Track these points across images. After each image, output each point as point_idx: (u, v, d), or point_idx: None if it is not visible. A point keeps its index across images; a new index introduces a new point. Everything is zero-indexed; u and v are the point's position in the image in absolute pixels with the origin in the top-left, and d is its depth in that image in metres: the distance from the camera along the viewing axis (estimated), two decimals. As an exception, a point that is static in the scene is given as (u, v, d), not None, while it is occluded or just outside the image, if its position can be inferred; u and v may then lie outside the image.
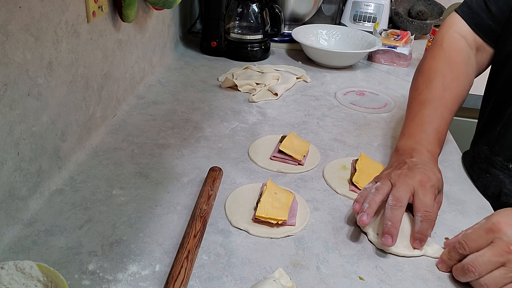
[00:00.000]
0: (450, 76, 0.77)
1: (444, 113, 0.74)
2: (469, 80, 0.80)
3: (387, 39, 1.33)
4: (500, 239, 0.51)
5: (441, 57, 0.80)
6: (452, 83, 0.76)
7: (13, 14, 0.55)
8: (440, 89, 0.76)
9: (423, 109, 0.75)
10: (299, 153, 0.79)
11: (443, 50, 0.80)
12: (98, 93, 0.81)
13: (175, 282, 0.51)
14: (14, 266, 0.48)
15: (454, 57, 0.79)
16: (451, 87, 0.76)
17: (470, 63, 0.80)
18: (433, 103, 0.75)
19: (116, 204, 0.66)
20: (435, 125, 0.73)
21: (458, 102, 0.77)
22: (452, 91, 0.76)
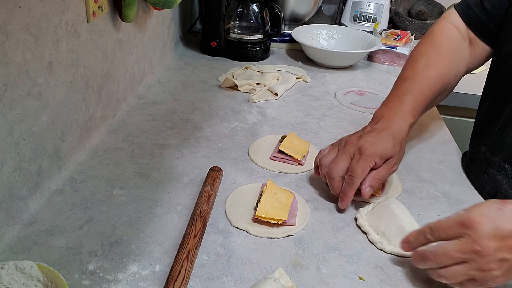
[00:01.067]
0: (435, 57, 0.78)
1: (424, 87, 0.75)
2: (457, 65, 0.79)
3: (387, 39, 1.33)
4: (469, 236, 0.49)
5: (428, 41, 0.81)
6: (436, 63, 0.77)
7: (13, 14, 0.55)
8: (423, 67, 0.77)
9: (403, 83, 0.77)
10: (299, 153, 0.79)
11: (432, 36, 0.82)
12: (98, 93, 0.81)
13: (175, 282, 0.51)
14: (14, 266, 0.48)
15: (442, 41, 0.80)
16: (434, 65, 0.77)
17: (461, 51, 0.81)
18: (414, 78, 0.76)
19: (116, 204, 0.66)
20: (412, 96, 0.74)
21: (442, 81, 0.77)
22: (436, 70, 0.77)
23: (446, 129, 0.96)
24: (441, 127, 0.96)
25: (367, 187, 0.65)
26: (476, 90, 1.21)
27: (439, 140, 0.91)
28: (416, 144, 0.89)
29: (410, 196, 0.73)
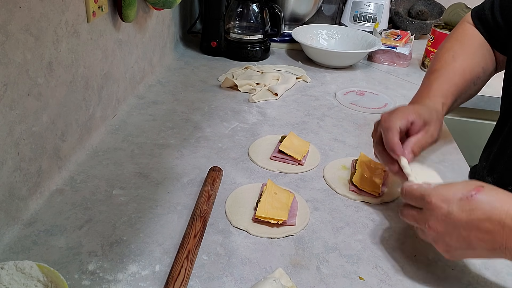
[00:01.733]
0: (460, 51, 0.78)
1: (452, 76, 0.75)
2: (484, 60, 0.78)
3: (387, 39, 1.33)
4: (425, 212, 0.53)
5: (453, 38, 0.82)
6: (462, 55, 0.77)
7: (13, 14, 0.55)
8: (450, 59, 0.77)
9: (431, 76, 0.77)
10: (299, 153, 0.79)
11: (456, 34, 0.82)
12: (98, 93, 0.81)
13: (175, 282, 0.51)
14: (14, 266, 0.49)
15: (466, 38, 0.80)
16: (461, 57, 0.77)
17: (486, 48, 0.79)
18: (441, 69, 0.76)
19: (116, 204, 0.66)
20: (440, 83, 0.74)
21: (469, 73, 0.76)
22: (463, 61, 0.77)
23: (446, 129, 0.96)
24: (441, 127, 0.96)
25: (409, 152, 0.64)
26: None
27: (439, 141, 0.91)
28: (416, 144, 0.89)
29: (410, 196, 0.73)
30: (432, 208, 0.52)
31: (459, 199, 0.50)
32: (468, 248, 0.51)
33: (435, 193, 0.52)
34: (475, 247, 0.50)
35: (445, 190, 0.53)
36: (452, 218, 0.50)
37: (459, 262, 0.60)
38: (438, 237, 0.52)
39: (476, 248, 0.50)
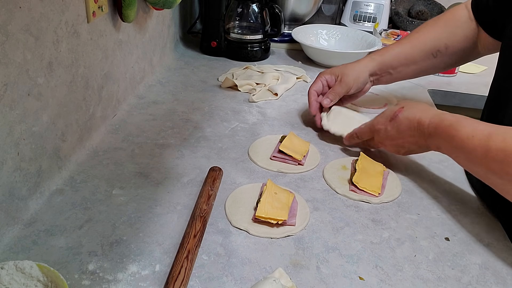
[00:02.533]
0: (430, 24, 0.89)
1: (404, 43, 0.89)
2: (451, 36, 0.85)
3: (387, 39, 1.33)
4: (375, 137, 0.79)
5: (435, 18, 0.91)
6: (427, 28, 0.88)
7: (13, 14, 0.55)
8: (416, 30, 0.90)
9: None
10: (299, 153, 0.79)
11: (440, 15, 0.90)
12: (98, 93, 0.81)
13: (175, 282, 0.51)
14: (14, 266, 0.49)
15: (446, 15, 0.88)
16: (424, 30, 0.88)
17: (462, 26, 0.85)
18: (403, 38, 0.91)
19: (116, 204, 0.66)
20: (385, 49, 0.92)
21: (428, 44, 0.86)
22: (424, 33, 0.88)
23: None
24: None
25: (324, 99, 0.90)
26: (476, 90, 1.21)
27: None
28: (416, 144, 0.89)
29: (410, 196, 0.73)
30: (377, 131, 0.78)
31: (389, 120, 0.75)
32: (408, 149, 0.75)
33: (376, 122, 0.78)
34: (412, 146, 0.74)
35: (380, 116, 0.78)
36: (389, 133, 0.76)
37: (459, 262, 0.60)
38: (388, 147, 0.78)
39: (412, 145, 0.74)
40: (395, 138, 0.75)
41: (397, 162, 0.83)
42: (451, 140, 0.64)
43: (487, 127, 0.61)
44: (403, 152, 0.77)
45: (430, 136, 0.68)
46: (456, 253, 0.62)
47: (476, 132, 0.61)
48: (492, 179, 0.60)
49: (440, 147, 0.68)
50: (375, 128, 0.78)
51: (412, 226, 0.66)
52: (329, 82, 0.91)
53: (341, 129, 0.86)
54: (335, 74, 0.90)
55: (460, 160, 0.66)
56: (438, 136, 0.67)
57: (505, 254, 0.62)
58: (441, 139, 0.67)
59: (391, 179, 0.77)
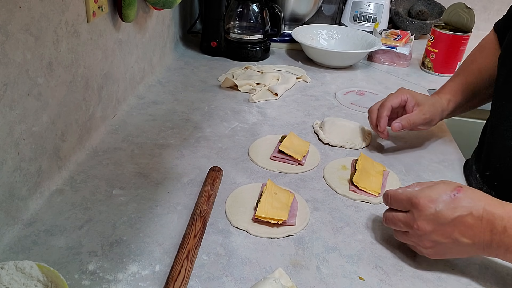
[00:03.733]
0: (478, 54, 0.87)
1: (466, 75, 0.85)
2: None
3: (387, 39, 1.33)
4: (413, 213, 0.56)
5: (477, 46, 0.90)
6: (480, 58, 0.86)
7: (13, 14, 0.55)
8: (469, 62, 0.88)
9: (452, 77, 0.89)
10: (299, 153, 0.79)
11: (480, 42, 0.90)
12: (98, 93, 0.81)
13: (175, 282, 0.51)
14: (14, 266, 0.48)
15: (487, 43, 0.88)
16: (478, 60, 0.86)
17: None
18: (459, 71, 0.88)
19: (116, 204, 0.66)
20: (452, 83, 0.86)
21: (486, 72, 0.83)
22: (479, 63, 0.85)
23: (446, 129, 0.96)
24: (441, 127, 0.96)
25: (396, 122, 0.79)
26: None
27: (439, 140, 0.91)
28: (416, 144, 0.89)
29: (410, 196, 0.73)
30: (420, 209, 0.55)
31: (444, 199, 0.55)
32: (452, 244, 0.55)
33: (422, 195, 0.56)
34: (459, 242, 0.54)
35: (430, 191, 0.56)
36: (440, 216, 0.54)
37: (459, 262, 0.60)
38: (425, 236, 0.56)
39: (459, 243, 0.54)
40: (445, 224, 0.54)
41: (397, 162, 0.83)
42: None
43: None
44: (440, 252, 0.57)
45: (505, 231, 0.52)
46: (456, 253, 0.62)
47: None
48: None
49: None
50: (418, 202, 0.56)
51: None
52: (408, 104, 0.82)
53: (341, 139, 0.87)
54: (416, 99, 0.82)
55: None
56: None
57: (505, 254, 0.62)
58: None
59: (391, 179, 0.76)
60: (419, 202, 0.55)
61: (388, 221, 0.60)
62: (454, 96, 0.84)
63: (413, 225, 0.56)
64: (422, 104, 0.81)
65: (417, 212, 0.56)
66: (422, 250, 0.58)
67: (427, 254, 0.58)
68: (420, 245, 0.57)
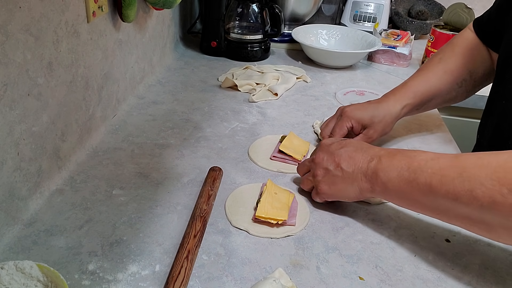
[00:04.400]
0: (449, 53, 0.83)
1: (431, 76, 0.81)
2: (472, 63, 0.81)
3: (387, 39, 1.33)
4: (313, 169, 0.67)
5: (447, 43, 0.87)
6: (449, 58, 0.82)
7: (13, 14, 0.55)
8: (436, 62, 0.83)
9: (413, 75, 0.84)
10: (299, 153, 0.79)
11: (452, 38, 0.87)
12: (98, 93, 0.81)
13: (175, 282, 0.51)
14: (14, 266, 0.48)
15: (458, 41, 0.84)
16: (446, 60, 0.82)
17: (478, 52, 0.81)
18: (423, 70, 0.83)
19: (116, 204, 0.66)
20: (415, 82, 0.82)
21: (452, 75, 0.81)
22: (447, 63, 0.82)
23: (446, 129, 0.96)
24: (441, 127, 0.96)
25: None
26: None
27: (439, 140, 0.91)
28: (416, 144, 0.89)
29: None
30: (321, 145, 0.68)
31: (337, 140, 0.67)
32: (337, 173, 0.63)
33: (319, 148, 0.68)
34: (343, 171, 0.63)
35: (326, 144, 0.68)
36: (331, 148, 0.65)
37: (459, 262, 0.60)
38: (318, 165, 0.66)
39: (344, 172, 0.63)
40: (334, 153, 0.64)
41: (397, 162, 0.83)
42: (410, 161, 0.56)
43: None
44: (328, 180, 0.65)
45: (380, 159, 0.60)
46: (456, 253, 0.62)
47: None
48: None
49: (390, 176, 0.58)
50: (321, 143, 0.69)
51: (412, 226, 0.66)
52: (354, 130, 0.80)
53: None
54: (362, 122, 0.79)
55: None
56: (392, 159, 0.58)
57: (505, 254, 0.62)
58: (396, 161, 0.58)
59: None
60: (316, 158, 0.66)
61: (303, 184, 0.70)
62: (411, 99, 0.80)
63: (311, 161, 0.67)
64: (368, 125, 0.79)
65: (319, 148, 0.68)
66: (316, 183, 0.66)
67: (319, 185, 0.66)
68: (315, 175, 0.66)
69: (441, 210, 0.54)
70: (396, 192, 0.58)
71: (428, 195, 0.53)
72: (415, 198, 0.56)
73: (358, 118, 0.79)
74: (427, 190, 0.53)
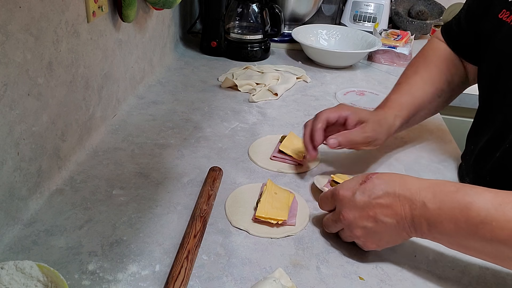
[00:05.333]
0: (422, 65, 0.82)
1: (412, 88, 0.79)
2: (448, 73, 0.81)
3: (387, 39, 1.33)
4: (338, 206, 0.59)
5: (418, 55, 0.86)
6: (424, 69, 0.81)
7: (13, 14, 0.55)
8: (412, 73, 0.82)
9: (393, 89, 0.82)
10: (299, 153, 0.79)
11: (422, 51, 0.86)
12: (98, 93, 0.81)
13: (175, 282, 0.51)
14: (14, 266, 0.48)
15: (430, 53, 0.84)
16: (422, 71, 0.81)
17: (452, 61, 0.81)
18: (403, 83, 0.82)
19: (116, 204, 0.66)
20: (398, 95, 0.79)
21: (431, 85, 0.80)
22: (423, 75, 0.81)
23: (446, 129, 0.96)
24: (441, 127, 0.96)
25: (332, 138, 0.71)
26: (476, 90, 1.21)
27: (439, 140, 0.91)
28: (416, 144, 0.89)
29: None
30: (341, 199, 0.58)
31: (359, 185, 0.57)
32: (379, 226, 0.55)
33: (340, 186, 0.59)
34: (384, 223, 0.54)
35: (348, 181, 0.59)
36: (357, 201, 0.56)
37: (459, 262, 0.60)
38: (353, 225, 0.57)
39: (385, 224, 0.54)
40: (364, 208, 0.55)
41: (397, 162, 0.83)
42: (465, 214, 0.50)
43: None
44: (375, 240, 0.57)
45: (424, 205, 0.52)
46: (456, 253, 0.62)
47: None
48: None
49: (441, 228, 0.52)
50: (338, 193, 0.58)
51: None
52: (349, 121, 0.73)
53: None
54: (359, 116, 0.73)
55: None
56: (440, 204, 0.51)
57: (505, 254, 0.62)
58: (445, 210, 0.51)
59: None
60: (338, 192, 0.58)
61: (325, 225, 0.62)
62: (400, 111, 0.76)
63: (340, 218, 0.58)
64: (365, 121, 0.73)
65: (339, 203, 0.58)
66: (359, 242, 0.59)
67: (364, 245, 0.58)
68: (353, 236, 0.58)
69: (503, 257, 0.50)
70: (453, 242, 0.53)
71: (491, 245, 0.49)
72: (475, 248, 0.51)
73: (357, 110, 0.74)
74: (491, 242, 0.49)
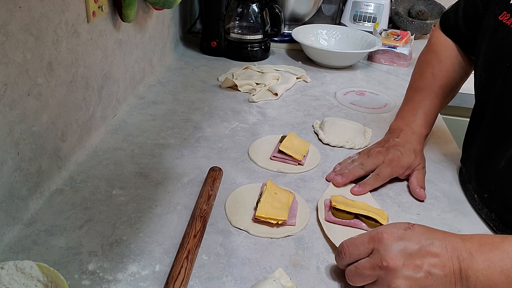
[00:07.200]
0: (438, 66, 0.84)
1: (434, 98, 0.83)
2: (458, 71, 0.84)
3: (387, 39, 1.33)
4: (378, 251, 0.50)
5: (430, 50, 0.88)
6: (441, 72, 0.84)
7: (13, 14, 0.55)
8: (430, 77, 0.84)
9: (416, 95, 0.85)
10: (299, 153, 0.79)
11: (431, 45, 0.88)
12: (98, 93, 0.81)
13: (175, 282, 0.51)
14: (14, 266, 0.48)
15: (441, 50, 0.86)
16: (439, 75, 0.84)
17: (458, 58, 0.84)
18: (424, 90, 0.84)
19: (116, 204, 0.66)
20: (424, 109, 0.83)
21: (448, 89, 0.84)
22: (441, 79, 0.83)
23: (446, 129, 0.96)
24: (441, 127, 0.96)
25: (419, 188, 0.73)
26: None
27: (439, 140, 0.91)
28: (416, 144, 0.89)
29: (410, 196, 0.73)
30: (385, 242, 0.50)
31: (403, 230, 0.51)
32: (426, 278, 0.48)
33: (382, 229, 0.52)
34: (432, 275, 0.49)
35: (390, 225, 0.53)
36: (406, 247, 0.50)
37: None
38: (396, 273, 0.49)
39: (433, 276, 0.49)
40: (413, 256, 0.49)
41: (397, 162, 0.83)
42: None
43: None
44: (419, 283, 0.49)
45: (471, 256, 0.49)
46: None
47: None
48: None
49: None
50: (381, 236, 0.51)
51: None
52: (402, 176, 0.77)
53: (341, 139, 0.86)
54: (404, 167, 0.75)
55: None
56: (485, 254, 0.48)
57: (505, 254, 0.62)
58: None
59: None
60: (382, 235, 0.51)
61: (352, 274, 0.53)
62: (428, 129, 0.83)
63: (382, 264, 0.49)
64: (410, 166, 0.76)
65: (383, 247, 0.50)
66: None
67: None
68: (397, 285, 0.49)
69: None
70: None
71: None
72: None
73: (407, 165, 0.75)
74: None
